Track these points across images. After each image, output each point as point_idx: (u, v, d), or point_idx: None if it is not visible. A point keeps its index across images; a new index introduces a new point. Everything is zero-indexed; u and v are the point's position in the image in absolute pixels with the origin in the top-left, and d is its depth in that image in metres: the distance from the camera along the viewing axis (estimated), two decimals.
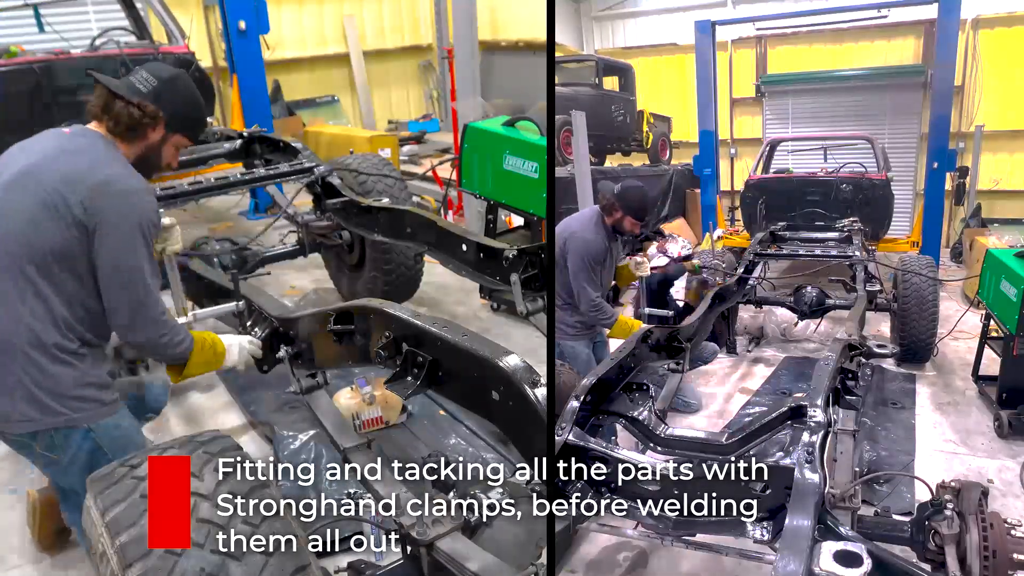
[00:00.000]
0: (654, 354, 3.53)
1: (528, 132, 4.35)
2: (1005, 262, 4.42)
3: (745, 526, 2.32)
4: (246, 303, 3.02)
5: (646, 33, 13.40)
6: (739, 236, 8.17)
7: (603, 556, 3.31)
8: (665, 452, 2.82)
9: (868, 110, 10.97)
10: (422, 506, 2.11)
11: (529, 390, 1.85)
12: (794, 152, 10.17)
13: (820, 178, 7.91)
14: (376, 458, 2.56)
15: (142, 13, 6.34)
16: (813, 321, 5.99)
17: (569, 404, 2.66)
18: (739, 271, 5.53)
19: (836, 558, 1.74)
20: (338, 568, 2.74)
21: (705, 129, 9.24)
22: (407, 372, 2.28)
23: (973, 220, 9.40)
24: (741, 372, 5.64)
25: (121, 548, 1.61)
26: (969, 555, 2.23)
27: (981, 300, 4.91)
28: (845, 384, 3.12)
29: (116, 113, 2.26)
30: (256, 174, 4.92)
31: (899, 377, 5.35)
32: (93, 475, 1.85)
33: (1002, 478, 3.93)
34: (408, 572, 2.15)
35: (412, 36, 12.84)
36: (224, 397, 4.60)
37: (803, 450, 2.24)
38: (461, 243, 3.79)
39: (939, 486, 2.39)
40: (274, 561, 1.64)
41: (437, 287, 6.16)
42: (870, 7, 10.16)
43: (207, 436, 1.93)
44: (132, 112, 2.25)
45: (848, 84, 11.17)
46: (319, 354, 2.77)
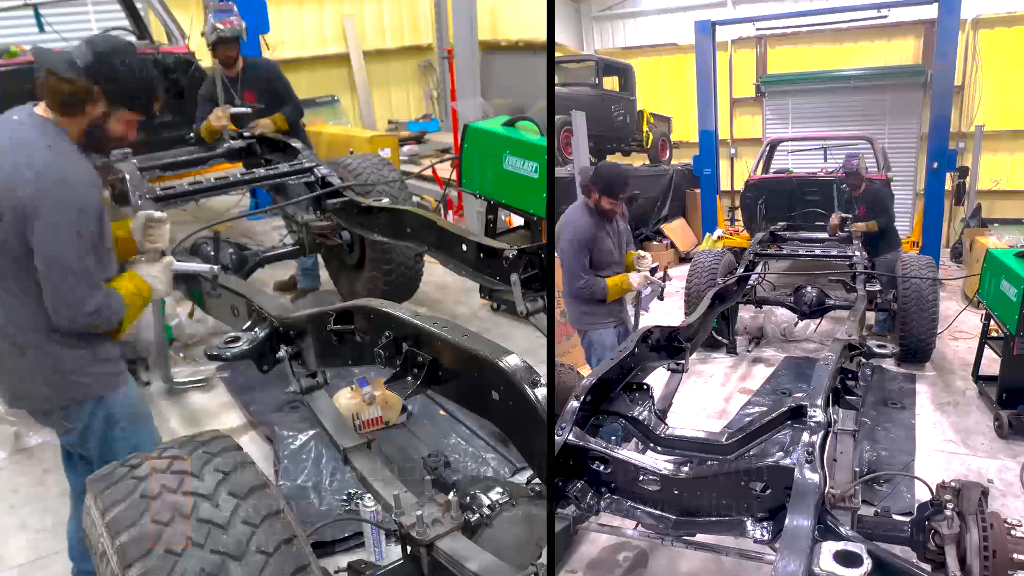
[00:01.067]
0: (654, 354, 3.54)
1: (528, 132, 4.34)
2: (1005, 262, 4.42)
3: (745, 526, 2.32)
4: (245, 302, 3.02)
5: (646, 33, 13.40)
6: (739, 236, 8.17)
7: (603, 556, 3.32)
8: (665, 452, 2.82)
9: (868, 110, 10.97)
10: (422, 506, 2.11)
11: (529, 390, 1.84)
12: (794, 152, 10.18)
13: (820, 178, 7.91)
14: (376, 458, 2.55)
15: (142, 13, 6.34)
16: (813, 321, 5.99)
17: (569, 404, 2.66)
18: (739, 271, 5.53)
19: (836, 558, 1.74)
20: (338, 568, 2.75)
21: (705, 129, 9.24)
22: (407, 372, 2.27)
23: (973, 220, 9.40)
24: (741, 372, 5.64)
25: (121, 548, 1.61)
26: (969, 555, 2.23)
27: (981, 300, 4.91)
28: (845, 384, 3.12)
29: (52, 89, 2.25)
30: (256, 174, 4.92)
31: (899, 377, 5.36)
32: (93, 475, 1.85)
33: (1002, 478, 3.93)
34: (408, 572, 2.15)
35: (412, 36, 12.83)
36: (224, 397, 4.60)
37: (803, 450, 2.24)
38: (461, 243, 3.78)
39: (939, 486, 2.39)
40: (274, 561, 1.64)
41: (437, 287, 6.16)
42: (870, 7, 10.16)
43: (207, 436, 1.93)
44: (64, 87, 2.23)
45: (848, 84, 11.16)
46: (319, 354, 2.77)
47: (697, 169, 9.51)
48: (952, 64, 8.07)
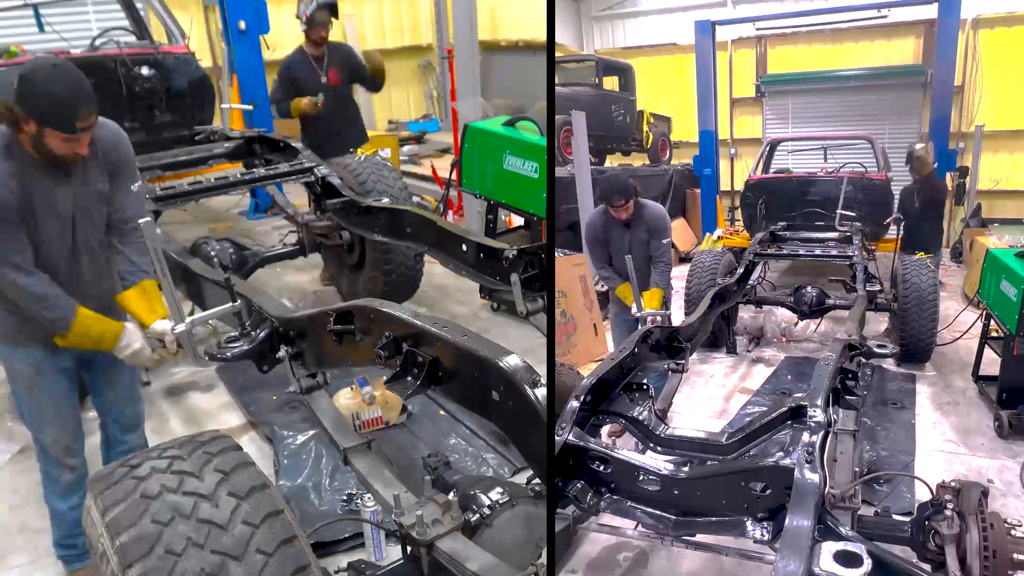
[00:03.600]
0: (654, 354, 3.54)
1: (528, 132, 4.35)
2: (1005, 262, 4.42)
3: (745, 526, 2.32)
4: (245, 303, 3.02)
5: (646, 33, 13.41)
6: (739, 236, 8.17)
7: (603, 556, 3.32)
8: (665, 452, 2.82)
9: (868, 110, 10.98)
10: (422, 506, 2.11)
11: (529, 390, 1.84)
12: (794, 152, 10.18)
13: (820, 178, 7.91)
14: (376, 458, 2.55)
15: (142, 13, 6.33)
16: (813, 321, 5.99)
17: (569, 404, 2.66)
18: (739, 271, 5.52)
19: (836, 558, 1.74)
20: (338, 568, 2.74)
21: (705, 129, 9.24)
22: (407, 372, 2.27)
23: (973, 220, 9.40)
24: (741, 372, 5.64)
25: (121, 548, 1.61)
26: (969, 555, 2.22)
27: (981, 300, 4.91)
28: (845, 384, 3.12)
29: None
30: (256, 174, 4.92)
31: (899, 377, 5.35)
32: (93, 475, 1.85)
33: (1002, 478, 3.93)
34: (408, 572, 2.15)
35: (412, 36, 12.82)
36: (224, 397, 4.60)
37: (803, 450, 2.23)
38: (461, 243, 3.78)
39: (939, 486, 2.39)
40: (274, 561, 1.64)
41: (437, 287, 6.16)
42: (870, 7, 10.17)
43: (207, 436, 1.93)
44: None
45: (848, 84, 11.17)
46: (319, 354, 2.77)
47: (697, 169, 9.51)
48: (952, 64, 8.08)
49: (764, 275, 6.66)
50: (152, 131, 5.68)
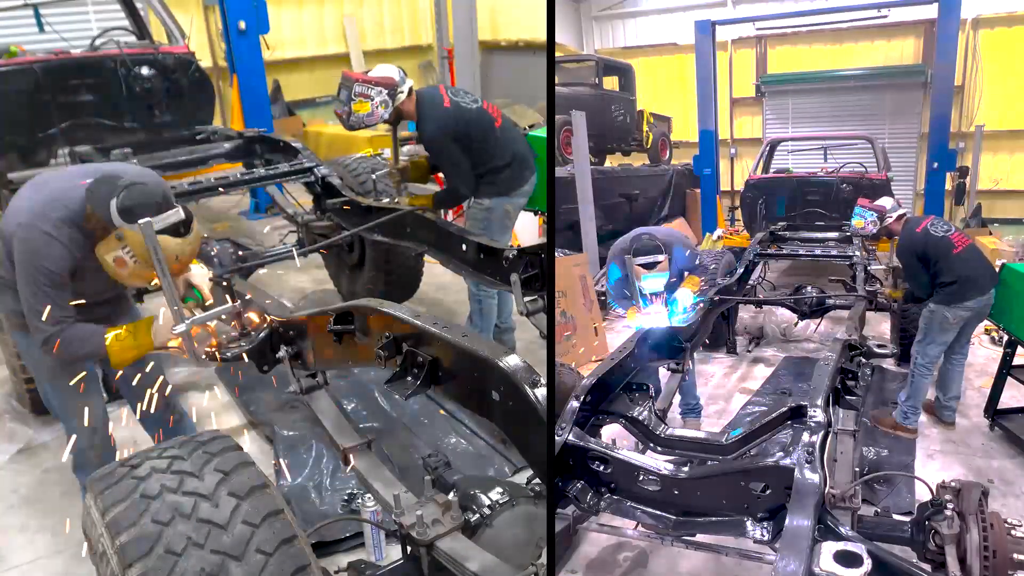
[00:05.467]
0: (654, 354, 3.54)
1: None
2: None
3: (745, 526, 2.32)
4: (244, 303, 3.02)
5: (646, 33, 13.41)
6: (739, 236, 8.17)
7: (603, 556, 3.31)
8: (665, 452, 2.82)
9: (868, 110, 10.97)
10: (422, 506, 2.11)
11: (529, 390, 1.84)
12: (794, 152, 10.18)
13: (820, 178, 7.91)
14: (376, 458, 2.55)
15: (142, 13, 6.33)
16: (813, 321, 5.98)
17: (569, 404, 2.66)
18: (739, 271, 5.52)
19: (836, 558, 1.74)
20: (338, 568, 2.74)
21: (705, 129, 9.24)
22: (407, 372, 2.27)
23: (973, 220, 9.40)
24: (741, 372, 5.64)
25: (121, 548, 1.61)
26: (969, 555, 2.22)
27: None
28: (845, 384, 3.12)
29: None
30: (256, 174, 4.92)
31: (899, 377, 5.35)
32: (93, 475, 1.85)
33: (1002, 478, 3.93)
34: (408, 572, 2.15)
35: (412, 36, 12.81)
36: (224, 397, 4.60)
37: (803, 450, 2.23)
38: (461, 243, 3.78)
39: (939, 486, 2.39)
40: (274, 561, 1.64)
41: (437, 287, 6.16)
42: (870, 7, 10.17)
43: (207, 436, 1.93)
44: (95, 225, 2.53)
45: (848, 84, 11.16)
46: (319, 354, 2.77)
47: (697, 169, 9.50)
48: (952, 64, 8.07)
49: (764, 275, 6.65)
50: (152, 131, 5.68)
